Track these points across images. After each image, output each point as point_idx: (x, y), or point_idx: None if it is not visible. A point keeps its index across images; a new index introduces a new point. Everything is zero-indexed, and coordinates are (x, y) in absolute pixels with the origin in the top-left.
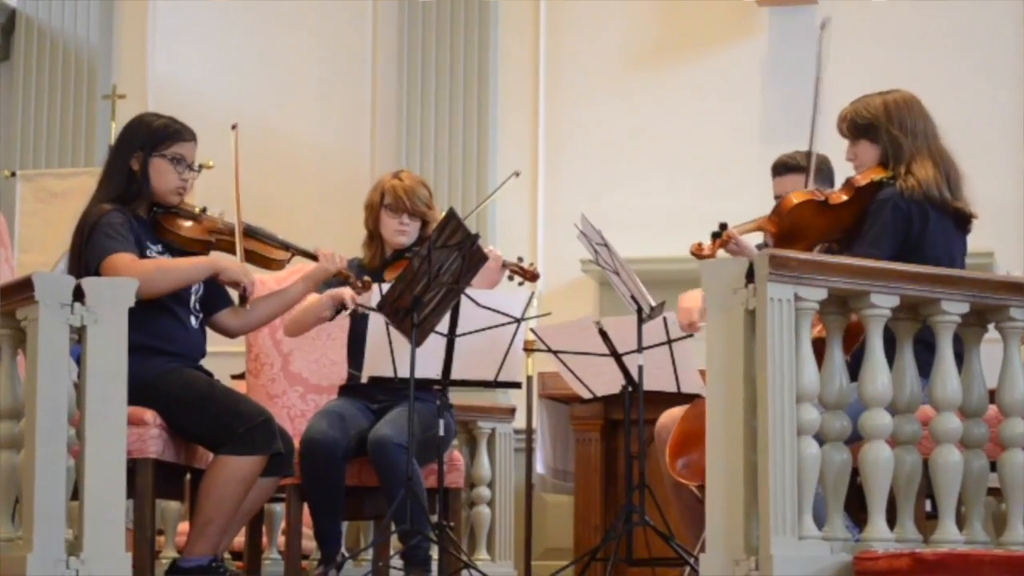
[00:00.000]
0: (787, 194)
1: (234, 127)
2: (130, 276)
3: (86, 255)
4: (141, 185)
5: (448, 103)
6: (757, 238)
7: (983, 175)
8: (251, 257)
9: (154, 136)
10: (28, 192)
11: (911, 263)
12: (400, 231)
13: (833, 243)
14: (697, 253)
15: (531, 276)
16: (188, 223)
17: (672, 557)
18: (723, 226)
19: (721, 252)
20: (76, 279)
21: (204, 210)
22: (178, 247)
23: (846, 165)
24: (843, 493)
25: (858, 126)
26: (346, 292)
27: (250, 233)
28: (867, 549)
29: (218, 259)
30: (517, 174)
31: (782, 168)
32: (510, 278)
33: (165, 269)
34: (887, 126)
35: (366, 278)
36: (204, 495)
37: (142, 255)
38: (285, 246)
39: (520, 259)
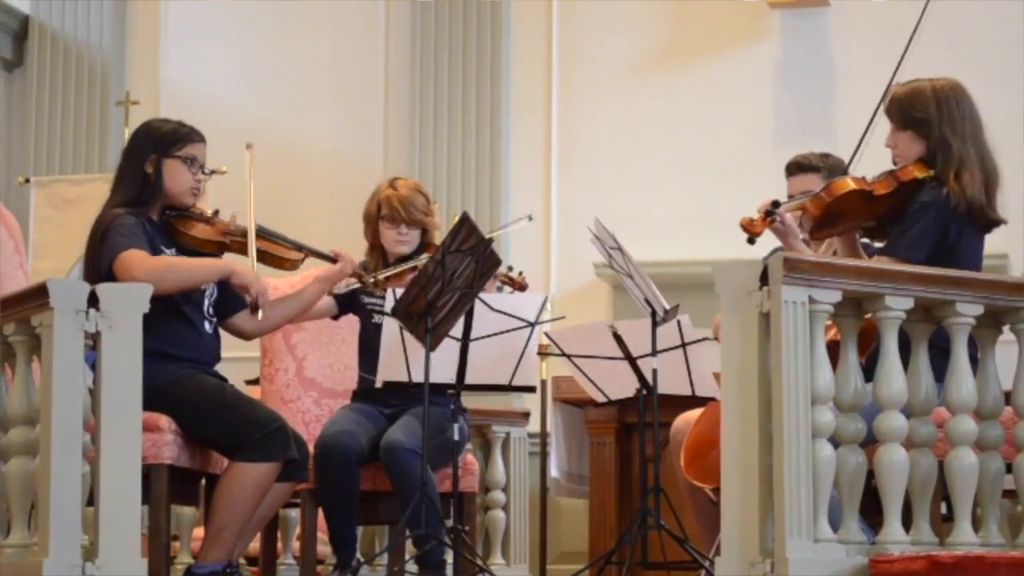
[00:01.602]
0: (837, 179)
1: (249, 147)
2: (142, 271)
3: (100, 256)
4: (155, 188)
5: (461, 107)
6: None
7: None
8: (265, 258)
9: (166, 138)
10: (42, 198)
11: (944, 267)
12: (399, 241)
13: (861, 229)
14: (748, 227)
15: (519, 287)
16: (201, 225)
17: (687, 560)
18: (776, 204)
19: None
20: (91, 285)
21: (216, 213)
22: (191, 249)
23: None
24: (858, 496)
25: (910, 118)
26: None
27: (263, 235)
28: (883, 552)
29: (231, 263)
30: (530, 218)
31: (795, 168)
32: (499, 289)
33: (177, 267)
34: (939, 124)
35: (379, 277)
36: (218, 502)
37: None
38: (299, 247)
39: (510, 268)
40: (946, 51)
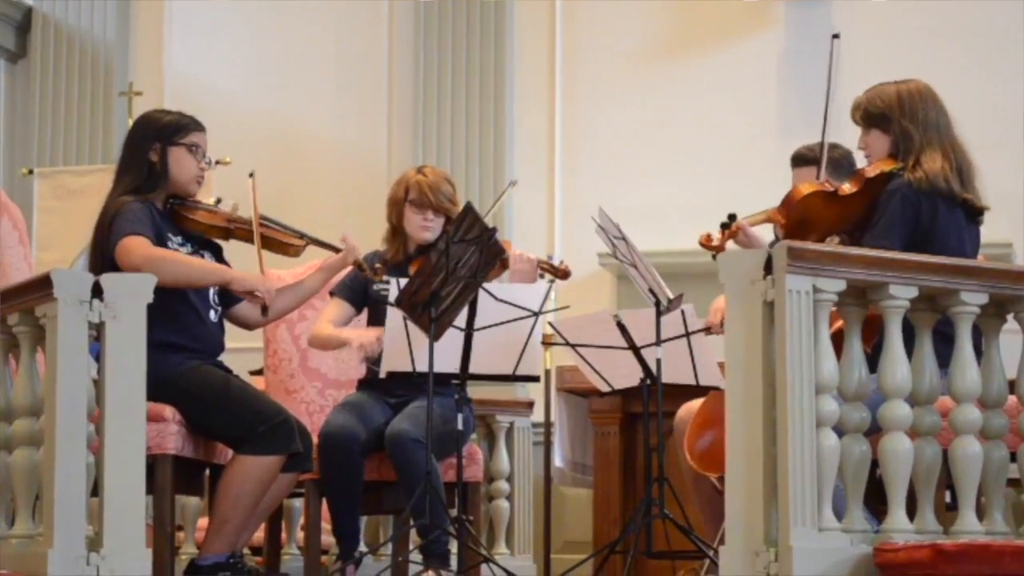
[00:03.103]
0: (797, 185)
1: (251, 175)
2: (142, 258)
3: (107, 242)
4: (160, 176)
5: (465, 100)
6: (766, 229)
7: (999, 166)
8: (269, 244)
9: (169, 127)
10: (46, 189)
11: (922, 252)
12: (425, 227)
13: (844, 235)
14: (706, 244)
15: (563, 274)
16: (206, 212)
17: (691, 550)
18: (732, 217)
19: (730, 244)
20: (98, 273)
21: (219, 201)
22: (197, 235)
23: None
24: (862, 485)
25: (871, 115)
26: (374, 345)
27: (266, 222)
28: (887, 540)
29: (231, 271)
30: (513, 183)
31: (801, 160)
32: (541, 276)
33: (177, 261)
34: (899, 117)
35: (378, 265)
36: (222, 494)
37: (163, 247)
38: (301, 235)
39: (550, 257)
40: (946, 50)
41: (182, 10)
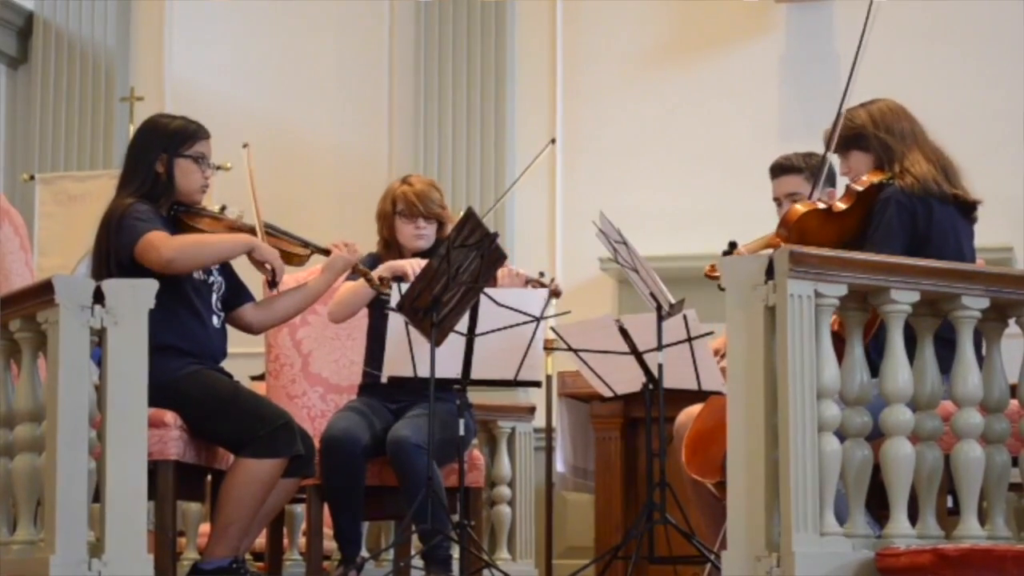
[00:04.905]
0: (791, 205)
1: (245, 146)
2: (169, 249)
3: (116, 244)
4: (166, 186)
5: (465, 103)
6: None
7: (999, 168)
8: None
9: (175, 137)
10: (47, 195)
11: (923, 258)
12: (418, 235)
13: (844, 249)
14: (711, 275)
15: (554, 294)
16: (210, 220)
17: (693, 555)
18: (732, 244)
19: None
20: (102, 277)
21: (223, 209)
22: None
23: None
24: (864, 489)
25: (845, 138)
26: (406, 265)
27: (270, 231)
28: (889, 545)
29: (253, 238)
30: (553, 141)
31: (779, 169)
32: None
33: (203, 243)
34: (874, 131)
35: (383, 276)
36: (224, 498)
37: None
38: (304, 243)
39: (541, 274)
40: (946, 51)
41: (183, 15)
